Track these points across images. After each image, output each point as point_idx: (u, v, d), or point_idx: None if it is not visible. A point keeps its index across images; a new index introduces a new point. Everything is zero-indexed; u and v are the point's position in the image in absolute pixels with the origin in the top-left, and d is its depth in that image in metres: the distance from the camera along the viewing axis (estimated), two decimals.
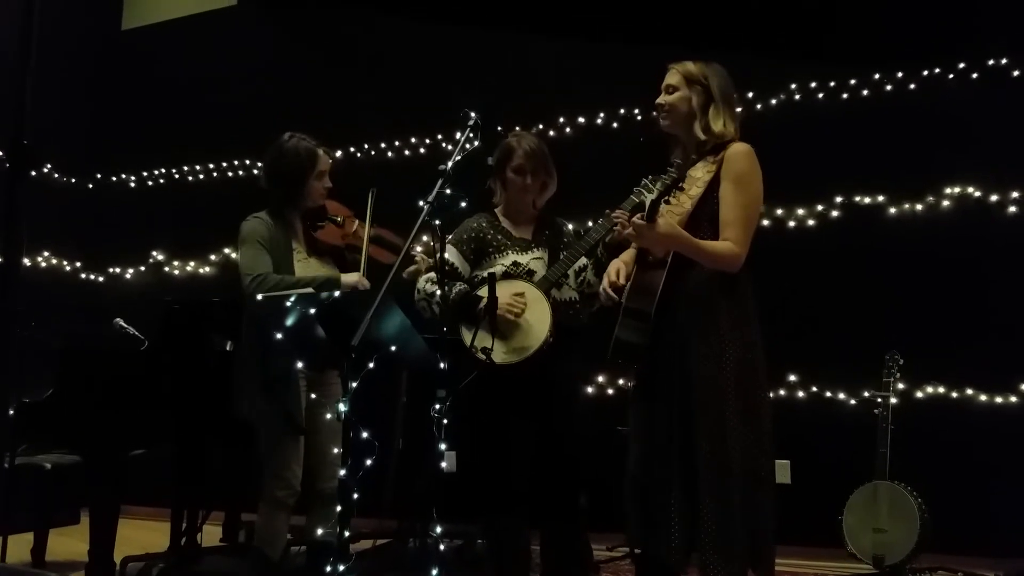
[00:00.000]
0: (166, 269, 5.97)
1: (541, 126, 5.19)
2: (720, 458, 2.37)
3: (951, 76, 4.63)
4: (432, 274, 3.08)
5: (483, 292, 2.96)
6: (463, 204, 2.51)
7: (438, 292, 2.95)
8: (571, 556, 3.10)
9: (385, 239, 3.27)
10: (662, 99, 2.64)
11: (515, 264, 3.06)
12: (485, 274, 3.02)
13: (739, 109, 4.81)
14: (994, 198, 4.48)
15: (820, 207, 4.73)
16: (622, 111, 5.07)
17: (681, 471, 2.41)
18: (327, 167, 3.20)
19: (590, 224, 4.28)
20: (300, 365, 3.06)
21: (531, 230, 3.17)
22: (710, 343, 2.44)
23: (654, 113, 2.69)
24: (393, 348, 2.46)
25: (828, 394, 4.58)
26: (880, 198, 4.65)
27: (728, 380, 2.42)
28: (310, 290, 3.01)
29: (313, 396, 3.15)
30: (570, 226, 3.44)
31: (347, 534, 2.34)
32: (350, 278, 3.09)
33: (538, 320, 2.92)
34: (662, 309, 2.46)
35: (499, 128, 3.18)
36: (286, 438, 3.03)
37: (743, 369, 2.44)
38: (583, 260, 3.08)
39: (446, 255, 3.05)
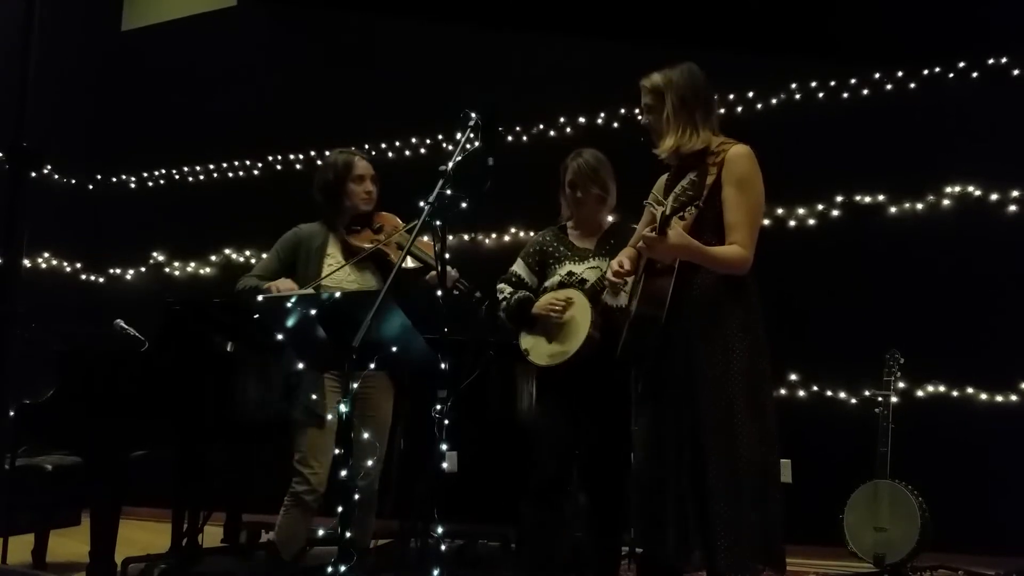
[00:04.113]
0: (166, 270, 5.97)
1: (542, 126, 5.19)
2: (730, 457, 2.38)
3: (951, 75, 4.64)
4: (502, 284, 3.25)
5: (541, 300, 3.12)
6: (463, 205, 2.51)
7: (502, 300, 3.20)
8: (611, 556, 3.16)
9: (415, 253, 3.15)
10: (644, 120, 2.67)
11: (570, 274, 3.15)
12: (547, 284, 3.17)
13: (740, 109, 4.83)
14: (994, 197, 4.48)
15: (820, 206, 4.74)
16: (623, 111, 5.07)
17: (689, 471, 2.41)
18: (366, 172, 3.29)
19: None
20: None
21: (595, 240, 3.24)
22: (718, 345, 2.44)
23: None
24: (394, 349, 2.45)
25: (829, 393, 4.58)
26: (880, 197, 4.65)
27: (736, 381, 2.42)
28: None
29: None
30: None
31: (348, 534, 2.33)
32: (277, 284, 3.10)
33: (580, 326, 3.01)
34: (671, 314, 2.46)
35: (499, 128, 3.16)
36: (307, 430, 3.08)
37: (751, 370, 2.44)
38: None
39: (515, 268, 3.27)
